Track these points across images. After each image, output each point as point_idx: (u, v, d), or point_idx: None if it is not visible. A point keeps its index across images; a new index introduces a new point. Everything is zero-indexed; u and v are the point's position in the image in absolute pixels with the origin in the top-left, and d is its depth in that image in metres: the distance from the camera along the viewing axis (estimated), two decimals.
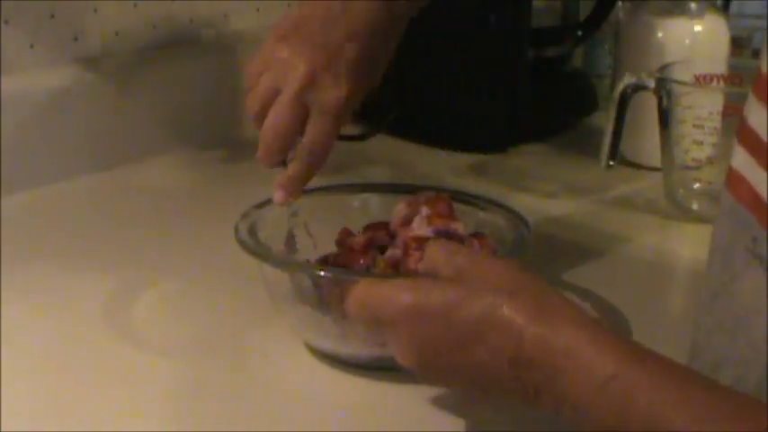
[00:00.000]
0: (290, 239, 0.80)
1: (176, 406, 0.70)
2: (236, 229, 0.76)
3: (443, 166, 1.15)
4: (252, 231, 0.76)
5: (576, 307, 0.60)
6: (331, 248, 0.80)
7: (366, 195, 0.85)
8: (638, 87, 0.99)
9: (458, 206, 0.79)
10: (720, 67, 1.05)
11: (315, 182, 0.81)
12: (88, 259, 0.90)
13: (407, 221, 0.77)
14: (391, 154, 1.18)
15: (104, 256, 0.90)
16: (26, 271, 0.86)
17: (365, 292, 0.65)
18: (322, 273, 0.74)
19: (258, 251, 0.74)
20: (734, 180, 0.61)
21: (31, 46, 1.04)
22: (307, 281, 0.74)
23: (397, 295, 0.63)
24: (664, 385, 0.55)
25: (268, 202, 0.80)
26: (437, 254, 0.66)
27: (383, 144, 1.20)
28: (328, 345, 0.74)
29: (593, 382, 0.56)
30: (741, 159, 0.60)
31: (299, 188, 0.80)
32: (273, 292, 0.76)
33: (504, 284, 0.61)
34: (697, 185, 1.03)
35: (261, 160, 0.79)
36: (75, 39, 1.07)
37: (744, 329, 0.59)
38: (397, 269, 0.75)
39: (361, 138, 1.21)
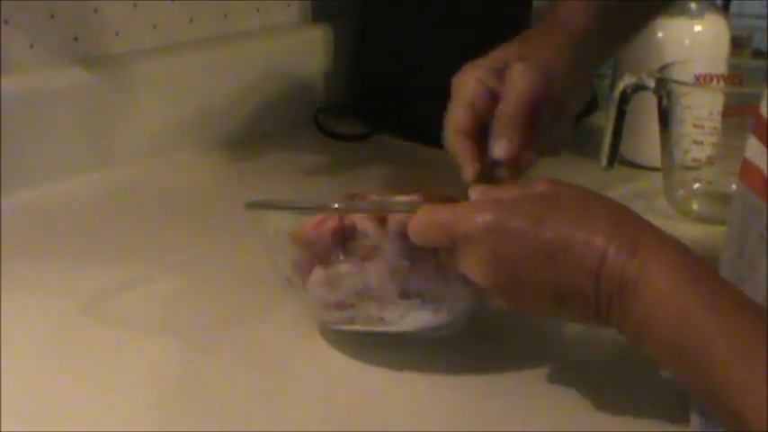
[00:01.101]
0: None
1: (179, 404, 0.70)
2: (247, 203, 0.75)
3: (443, 166, 1.14)
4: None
5: (652, 226, 0.63)
6: None
7: None
8: (638, 87, 0.99)
9: None
10: (720, 67, 1.05)
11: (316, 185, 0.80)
12: (88, 259, 0.89)
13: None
14: (391, 154, 1.18)
15: (104, 256, 0.90)
16: (26, 271, 0.86)
17: (437, 212, 0.66)
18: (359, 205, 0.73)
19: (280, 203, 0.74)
20: (747, 170, 0.61)
21: (31, 46, 1.03)
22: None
23: (478, 213, 0.64)
24: (717, 307, 0.57)
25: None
26: (512, 188, 0.67)
27: (383, 144, 1.20)
28: (342, 321, 0.73)
29: (656, 296, 0.59)
30: (755, 150, 0.61)
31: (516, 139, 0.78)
32: (283, 266, 0.75)
33: (585, 202, 0.64)
34: (697, 185, 1.03)
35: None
36: (75, 39, 1.07)
37: None
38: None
39: (361, 138, 1.21)
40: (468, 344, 0.75)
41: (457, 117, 0.80)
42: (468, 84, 0.80)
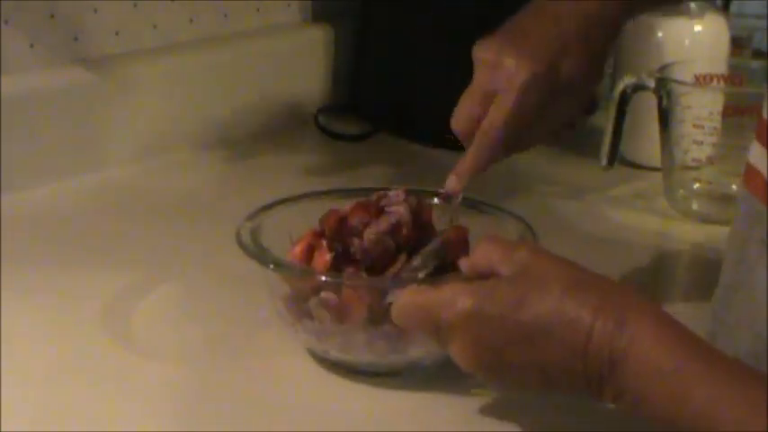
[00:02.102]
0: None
1: (176, 408, 0.70)
2: (238, 233, 0.74)
3: (443, 166, 1.14)
4: (255, 234, 0.75)
5: (639, 297, 0.61)
6: None
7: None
8: (638, 87, 0.99)
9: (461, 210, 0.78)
10: (720, 67, 1.05)
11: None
12: (88, 260, 0.89)
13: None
14: (391, 154, 1.17)
15: (104, 257, 0.90)
16: (26, 271, 0.86)
17: (419, 298, 0.65)
18: (324, 278, 0.72)
19: (263, 257, 0.73)
20: (750, 175, 0.61)
21: (31, 46, 1.03)
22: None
23: (457, 299, 0.63)
24: (721, 381, 0.56)
25: (272, 204, 0.79)
26: (494, 252, 0.65)
27: (383, 144, 1.20)
28: (332, 352, 0.73)
29: (653, 372, 0.57)
30: (757, 155, 0.61)
31: (469, 176, 0.80)
32: (276, 298, 0.75)
33: (568, 278, 0.62)
34: (697, 185, 1.03)
35: None
36: (75, 39, 1.07)
37: (759, 321, 0.60)
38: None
39: (361, 138, 1.21)
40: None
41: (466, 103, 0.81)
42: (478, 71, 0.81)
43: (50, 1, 1.04)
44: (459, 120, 0.80)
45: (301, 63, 1.26)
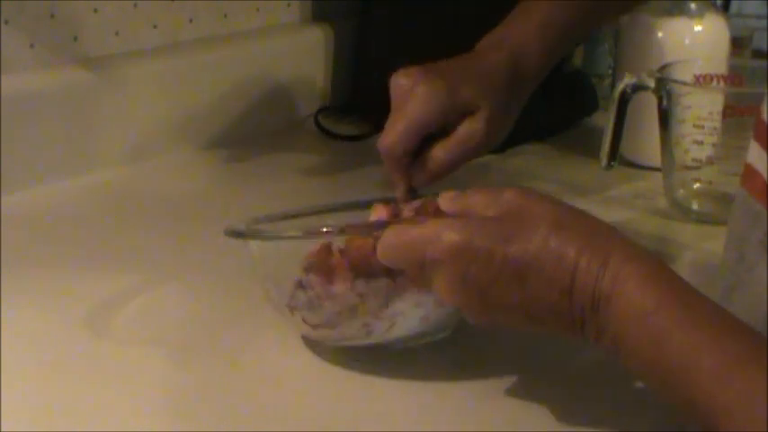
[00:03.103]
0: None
1: (175, 408, 0.70)
2: (226, 228, 0.74)
3: None
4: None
5: (625, 238, 0.62)
6: None
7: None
8: (638, 87, 0.99)
9: None
10: (720, 67, 1.05)
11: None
12: (87, 259, 0.89)
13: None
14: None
15: (104, 257, 0.90)
16: (26, 271, 0.86)
17: (404, 234, 0.65)
18: (326, 229, 0.72)
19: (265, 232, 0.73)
20: (748, 174, 0.61)
21: (31, 46, 1.04)
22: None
23: (443, 234, 0.63)
24: (699, 325, 0.56)
25: (260, 220, 0.79)
26: (480, 197, 0.66)
27: None
28: (324, 331, 0.73)
29: (633, 313, 0.58)
30: (756, 154, 0.61)
31: (394, 186, 0.82)
32: (265, 280, 0.74)
33: (555, 217, 0.62)
34: (697, 185, 1.03)
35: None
36: (75, 39, 1.07)
37: (758, 322, 0.60)
38: None
39: (361, 138, 1.21)
40: (456, 348, 0.75)
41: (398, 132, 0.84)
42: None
43: (50, 1, 1.04)
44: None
45: (301, 63, 1.26)
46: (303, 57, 1.27)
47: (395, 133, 0.82)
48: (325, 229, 0.72)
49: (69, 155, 1.05)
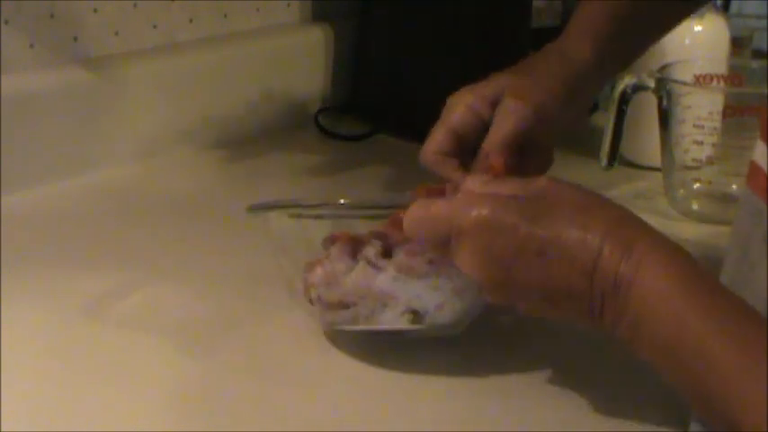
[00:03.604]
0: None
1: (181, 407, 0.70)
2: (249, 207, 0.75)
3: None
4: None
5: (653, 229, 0.62)
6: None
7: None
8: (638, 87, 0.99)
9: None
10: (720, 67, 1.05)
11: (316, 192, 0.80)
12: (88, 259, 0.89)
13: None
14: (391, 154, 1.17)
15: (105, 256, 0.90)
16: (26, 271, 0.86)
17: (432, 206, 0.66)
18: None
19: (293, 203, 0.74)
20: (753, 172, 0.61)
21: (31, 46, 1.03)
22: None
23: (472, 207, 0.63)
24: (719, 316, 0.57)
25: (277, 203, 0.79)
26: (512, 182, 0.66)
27: (383, 144, 1.20)
28: (341, 318, 0.73)
29: (654, 297, 0.58)
30: (761, 153, 0.61)
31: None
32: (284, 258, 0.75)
33: (583, 202, 0.63)
34: (697, 185, 1.03)
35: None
36: (75, 39, 1.07)
37: None
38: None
39: (361, 138, 1.21)
40: (472, 345, 0.75)
41: (437, 139, 0.82)
42: (457, 108, 0.82)
43: (50, 1, 1.04)
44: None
45: (301, 63, 1.26)
46: (303, 57, 1.27)
47: (427, 140, 0.82)
48: (348, 202, 0.73)
49: (69, 155, 1.05)
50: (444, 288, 0.71)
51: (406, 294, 0.71)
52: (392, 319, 0.71)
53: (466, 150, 0.81)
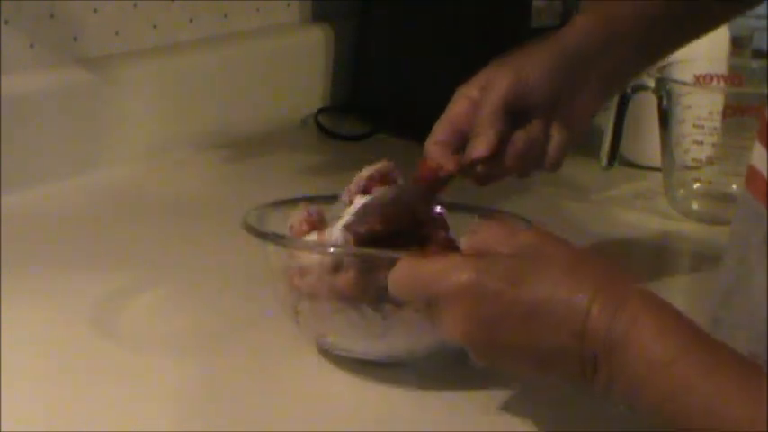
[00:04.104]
0: None
1: (180, 406, 0.70)
2: (245, 219, 0.74)
3: None
4: (261, 222, 0.75)
5: (641, 287, 0.61)
6: None
7: None
8: (638, 87, 0.99)
9: (456, 216, 0.78)
10: (720, 67, 1.05)
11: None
12: (88, 260, 0.89)
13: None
14: (391, 154, 1.17)
15: (104, 257, 0.90)
16: (26, 271, 0.86)
17: (416, 268, 0.64)
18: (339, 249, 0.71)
19: (275, 236, 0.73)
20: (751, 176, 0.61)
21: (31, 46, 1.03)
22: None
23: (455, 271, 0.62)
24: (724, 374, 0.55)
25: (278, 203, 0.79)
26: (495, 233, 0.65)
27: (383, 144, 1.20)
28: (342, 340, 0.73)
29: (653, 361, 0.56)
30: (759, 156, 0.60)
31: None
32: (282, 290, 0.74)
33: (569, 260, 0.61)
34: (697, 185, 1.03)
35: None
36: (75, 39, 1.07)
37: (757, 324, 0.59)
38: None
39: (361, 138, 1.21)
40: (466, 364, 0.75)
41: (436, 130, 0.81)
42: (457, 100, 0.81)
43: (50, 1, 1.04)
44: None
45: (301, 63, 1.26)
46: (303, 57, 1.27)
47: (430, 133, 0.82)
48: (334, 249, 0.71)
49: (69, 155, 1.05)
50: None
51: (384, 312, 0.70)
52: (367, 344, 0.72)
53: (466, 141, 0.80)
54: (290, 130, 1.24)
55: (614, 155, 1.01)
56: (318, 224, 0.75)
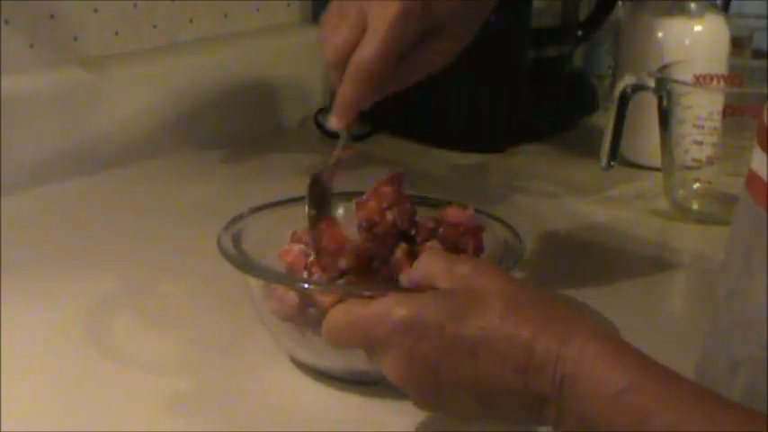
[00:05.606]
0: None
1: (176, 406, 0.70)
2: (219, 239, 0.73)
3: (443, 165, 1.15)
4: (236, 240, 0.74)
5: (583, 317, 0.59)
6: None
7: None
8: (638, 87, 0.99)
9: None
10: (720, 67, 1.05)
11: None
12: (88, 260, 0.89)
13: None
14: (391, 154, 1.17)
15: (105, 257, 0.90)
16: (26, 271, 0.86)
17: (349, 314, 0.62)
18: (306, 285, 0.71)
19: (244, 263, 0.71)
20: (752, 181, 0.61)
21: (31, 46, 1.04)
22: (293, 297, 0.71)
23: (389, 310, 0.60)
24: (679, 401, 0.54)
25: (254, 210, 0.79)
26: (435, 264, 0.63)
27: (383, 144, 1.20)
28: (312, 359, 0.72)
29: (605, 392, 0.55)
30: (758, 160, 0.60)
31: (349, 112, 0.76)
32: (259, 305, 0.74)
33: (511, 296, 0.60)
34: (697, 185, 1.03)
35: (330, 83, 0.77)
36: (75, 39, 1.07)
37: (758, 329, 0.59)
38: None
39: (362, 138, 1.21)
40: None
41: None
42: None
43: (50, 1, 1.04)
44: (331, 48, 0.76)
45: (301, 63, 1.26)
46: (303, 57, 1.26)
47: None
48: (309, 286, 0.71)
49: (69, 155, 1.05)
50: None
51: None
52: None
53: None
54: (289, 130, 1.24)
55: (614, 155, 1.01)
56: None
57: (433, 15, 0.77)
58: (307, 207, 0.75)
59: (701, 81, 1.03)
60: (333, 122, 0.77)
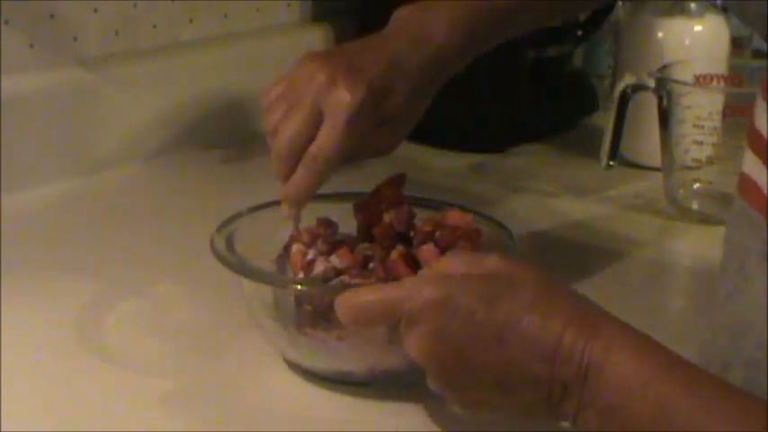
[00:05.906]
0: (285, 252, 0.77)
1: (174, 406, 0.70)
2: (212, 241, 0.74)
3: (443, 165, 1.15)
4: (229, 242, 0.74)
5: (612, 315, 0.60)
6: None
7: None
8: (638, 87, 0.99)
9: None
10: (720, 67, 1.05)
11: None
12: (88, 260, 0.90)
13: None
14: (391, 154, 1.17)
15: (104, 257, 0.90)
16: (26, 271, 0.86)
17: (379, 293, 0.62)
18: (299, 287, 0.72)
19: (236, 265, 0.72)
20: (746, 185, 0.60)
21: (31, 46, 1.04)
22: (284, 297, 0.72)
23: (423, 289, 0.60)
24: (706, 392, 0.55)
25: (247, 211, 0.79)
26: (464, 257, 0.64)
27: None
28: (304, 360, 0.72)
29: (631, 382, 0.56)
30: (751, 165, 0.60)
31: (302, 200, 0.76)
32: (252, 306, 0.74)
33: (544, 285, 0.60)
34: (697, 185, 1.03)
35: (274, 171, 0.76)
36: (75, 39, 1.07)
37: (753, 331, 0.59)
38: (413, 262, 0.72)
39: None
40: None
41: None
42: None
43: (50, 1, 1.04)
44: (285, 139, 0.75)
45: None
46: None
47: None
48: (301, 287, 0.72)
49: (69, 155, 1.05)
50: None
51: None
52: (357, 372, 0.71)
53: None
54: None
55: (614, 155, 1.01)
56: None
57: (386, 107, 0.78)
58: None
59: (701, 81, 1.03)
60: (286, 212, 0.76)
